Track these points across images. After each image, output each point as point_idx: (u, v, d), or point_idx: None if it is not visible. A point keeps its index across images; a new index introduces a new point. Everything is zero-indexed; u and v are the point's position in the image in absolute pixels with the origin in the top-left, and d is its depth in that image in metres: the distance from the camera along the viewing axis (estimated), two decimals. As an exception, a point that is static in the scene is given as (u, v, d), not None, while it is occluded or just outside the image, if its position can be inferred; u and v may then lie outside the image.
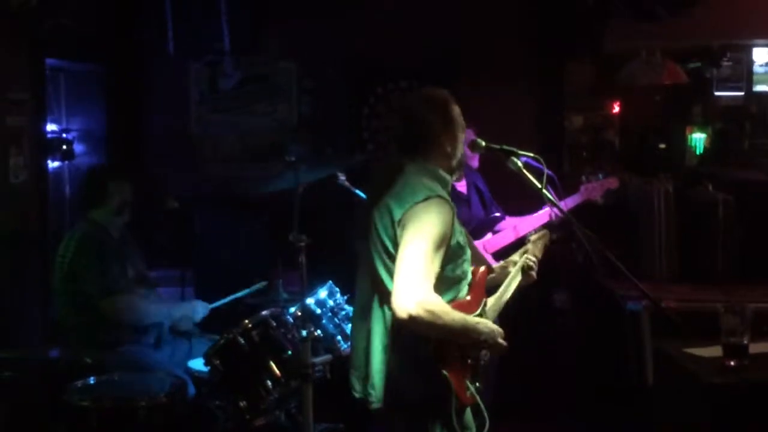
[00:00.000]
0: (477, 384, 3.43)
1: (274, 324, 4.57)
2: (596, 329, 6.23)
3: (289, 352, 4.49)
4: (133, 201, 5.16)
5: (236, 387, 4.45)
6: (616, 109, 7.03)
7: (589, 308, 6.37)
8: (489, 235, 5.45)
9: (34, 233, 5.88)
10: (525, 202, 5.28)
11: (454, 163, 3.56)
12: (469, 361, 3.40)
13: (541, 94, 7.07)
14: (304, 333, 4.09)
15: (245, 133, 7.33)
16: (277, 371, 4.43)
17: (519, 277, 3.78)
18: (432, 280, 3.23)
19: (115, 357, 4.74)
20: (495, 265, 4.40)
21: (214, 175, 7.28)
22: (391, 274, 3.29)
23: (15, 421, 4.41)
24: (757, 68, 6.57)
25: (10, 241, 5.55)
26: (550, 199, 3.85)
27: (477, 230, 5.45)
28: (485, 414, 3.47)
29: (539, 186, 3.70)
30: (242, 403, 4.41)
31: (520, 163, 3.72)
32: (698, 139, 6.79)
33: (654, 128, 6.95)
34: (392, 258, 3.31)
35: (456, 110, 3.56)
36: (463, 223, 5.36)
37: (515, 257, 3.89)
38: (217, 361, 4.46)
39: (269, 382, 4.41)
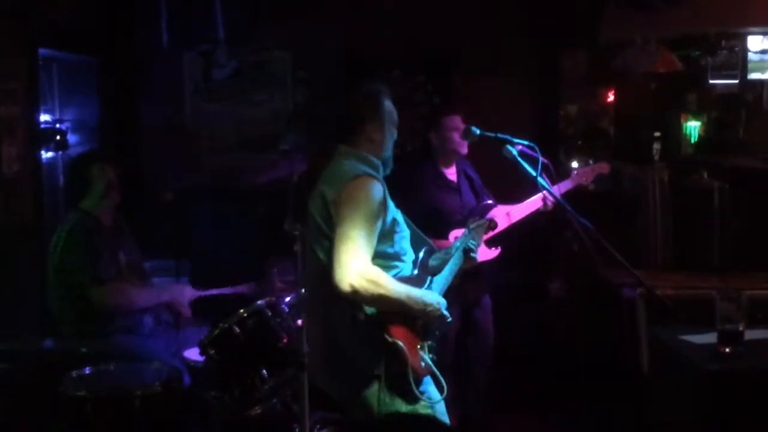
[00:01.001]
0: (431, 355, 3.54)
1: (270, 313, 4.56)
2: (592, 317, 6.24)
3: (285, 341, 4.48)
4: (122, 183, 5.14)
5: (232, 376, 4.44)
6: (611, 97, 7.03)
7: (584, 297, 6.37)
8: None
9: (29, 224, 5.87)
10: (514, 189, 5.28)
11: (383, 151, 3.68)
12: (418, 331, 3.51)
13: (536, 82, 7.06)
14: (299, 322, 4.09)
15: (240, 122, 7.31)
16: (273, 360, 4.43)
17: (460, 260, 3.84)
18: (370, 253, 3.37)
19: (110, 347, 4.74)
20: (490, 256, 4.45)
21: (208, 165, 7.27)
22: (328, 254, 3.42)
23: (11, 412, 4.40)
24: (752, 56, 6.55)
25: (4, 232, 5.54)
26: (545, 187, 3.86)
27: (469, 218, 5.45)
28: (442, 381, 3.57)
29: (534, 174, 3.70)
30: (238, 392, 4.40)
31: (515, 151, 3.72)
32: (693, 127, 6.78)
33: (649, 117, 6.94)
34: (328, 238, 3.44)
35: (385, 102, 3.70)
36: (455, 212, 5.41)
37: (456, 243, 3.95)
38: (213, 351, 4.45)
39: (265, 371, 4.40)
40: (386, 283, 3.34)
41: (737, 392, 3.30)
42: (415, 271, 3.62)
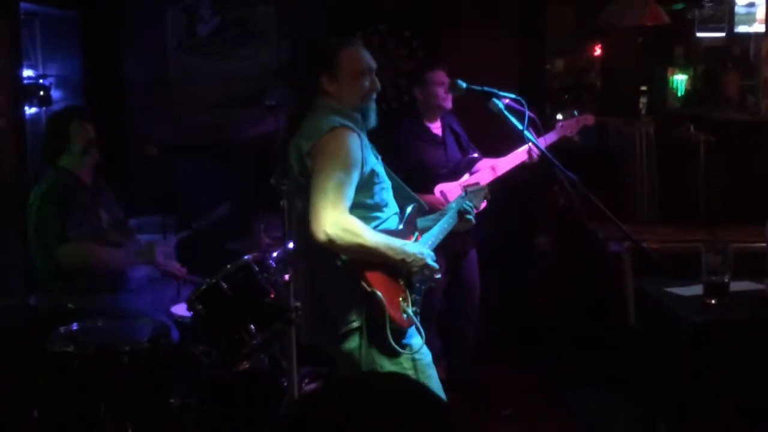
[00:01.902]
0: (414, 307, 3.53)
1: (257, 268, 4.57)
2: (578, 271, 6.26)
3: (272, 296, 4.49)
4: (102, 146, 5.10)
5: (219, 331, 4.46)
6: (598, 51, 7.01)
7: (570, 250, 6.39)
8: (466, 176, 5.45)
9: (13, 180, 5.84)
10: (499, 143, 5.28)
11: (346, 104, 3.60)
12: (401, 282, 3.50)
13: (522, 36, 7.03)
14: (286, 277, 4.10)
15: (225, 78, 7.27)
16: (260, 315, 4.44)
17: (453, 220, 3.83)
18: (347, 203, 3.36)
19: (98, 303, 4.73)
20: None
21: (194, 120, 7.23)
22: (306, 206, 3.41)
23: (-2, 368, 4.41)
24: (739, 9, 6.51)
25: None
26: (532, 141, 3.86)
27: (454, 172, 5.46)
28: (422, 333, 3.56)
29: (521, 127, 3.69)
30: (226, 348, 4.42)
31: (501, 105, 3.71)
32: (680, 80, 6.76)
33: (635, 70, 6.92)
34: (306, 190, 3.43)
35: (342, 53, 3.62)
36: (440, 166, 5.41)
37: (452, 204, 3.95)
38: (200, 306, 4.46)
39: (252, 327, 4.42)
40: (362, 232, 3.33)
41: (722, 343, 3.33)
42: (400, 226, 3.61)
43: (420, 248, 3.54)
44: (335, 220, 3.27)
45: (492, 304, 5.86)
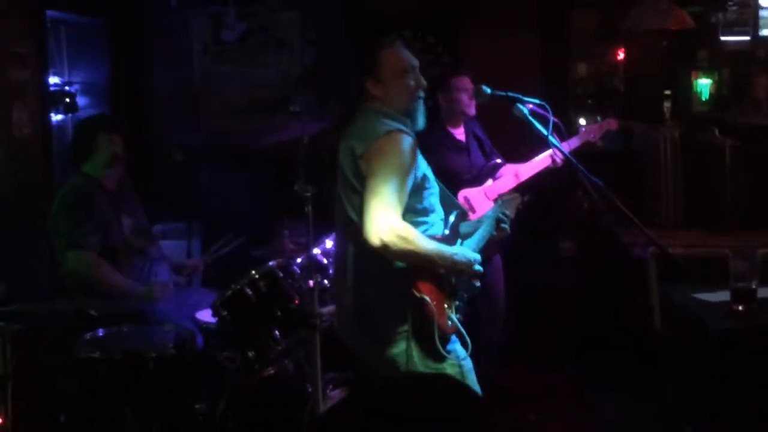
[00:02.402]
0: (458, 314, 3.53)
1: (281, 274, 4.58)
2: (603, 277, 6.24)
3: (296, 302, 4.50)
4: (129, 154, 5.12)
5: (244, 337, 4.47)
6: (621, 55, 6.98)
7: (595, 256, 6.37)
8: (490, 182, 5.45)
9: (40, 186, 5.88)
10: (522, 148, 5.28)
11: (393, 106, 3.57)
12: (446, 289, 3.49)
13: (545, 41, 7.01)
14: (310, 283, 4.11)
15: (249, 84, 7.29)
16: (285, 321, 4.45)
17: (491, 228, 3.79)
18: (400, 208, 3.33)
19: (123, 309, 4.75)
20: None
21: (218, 126, 7.26)
22: (357, 210, 3.40)
23: (25, 374, 4.43)
24: (763, 12, 6.48)
25: (16, 195, 5.55)
26: (556, 146, 3.85)
27: (478, 177, 5.46)
28: (468, 340, 3.55)
29: (545, 133, 3.69)
30: (250, 354, 4.43)
31: (525, 110, 3.71)
32: (704, 84, 6.73)
33: (659, 74, 6.89)
34: (358, 194, 3.41)
35: (383, 55, 3.60)
36: (464, 171, 5.41)
37: (488, 212, 3.92)
38: (225, 312, 4.48)
39: (277, 332, 4.43)
40: (416, 239, 3.30)
41: (750, 350, 3.31)
42: (446, 231, 3.59)
43: (469, 254, 3.52)
44: (390, 225, 3.24)
45: (517, 309, 5.85)
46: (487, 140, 5.68)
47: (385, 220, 3.24)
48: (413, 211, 3.47)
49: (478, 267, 3.52)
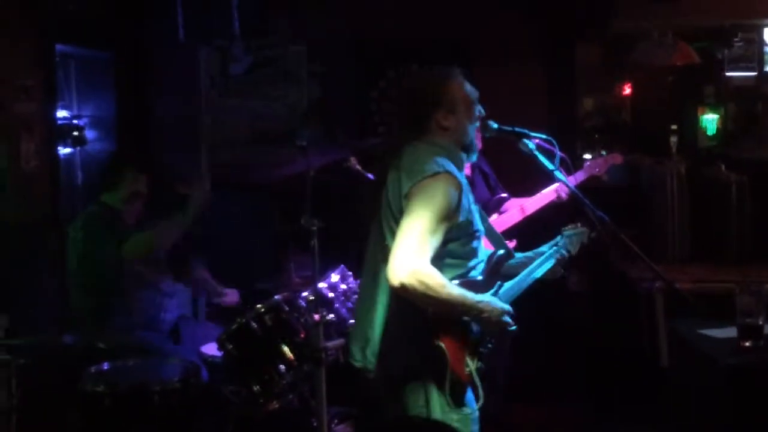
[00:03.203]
0: (479, 363, 3.45)
1: (287, 308, 4.58)
2: (610, 311, 6.23)
3: (302, 337, 4.49)
4: (149, 193, 5.16)
5: (249, 371, 4.46)
6: (628, 90, 7.00)
7: (603, 290, 6.35)
8: (495, 216, 5.45)
9: (47, 219, 5.88)
10: (528, 182, 5.28)
11: (459, 138, 3.54)
12: (471, 336, 3.41)
13: (552, 75, 7.04)
14: (316, 317, 4.10)
15: (256, 117, 7.31)
16: (290, 355, 4.44)
17: (544, 267, 3.74)
18: (430, 253, 3.24)
19: (129, 342, 4.75)
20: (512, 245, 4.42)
21: (224, 159, 7.27)
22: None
23: (30, 406, 4.42)
24: (768, 48, 6.54)
25: (23, 228, 5.56)
26: (563, 181, 3.85)
27: (483, 211, 5.46)
28: (480, 392, 3.47)
29: (551, 168, 3.68)
30: (255, 388, 4.42)
31: (532, 145, 3.71)
32: (710, 119, 6.75)
33: (666, 109, 6.92)
34: (395, 229, 3.33)
35: (454, 86, 3.56)
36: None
37: (544, 248, 3.84)
38: (230, 346, 4.47)
39: (282, 367, 4.42)
40: (438, 287, 3.21)
41: (757, 386, 3.29)
42: (480, 277, 3.51)
43: (495, 303, 3.40)
44: (414, 269, 3.16)
45: (524, 343, 5.82)
46: (492, 174, 5.68)
47: (408, 263, 3.17)
48: (452, 255, 3.41)
49: (506, 318, 3.42)
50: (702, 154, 6.46)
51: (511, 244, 5.33)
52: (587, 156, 6.26)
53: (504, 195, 5.54)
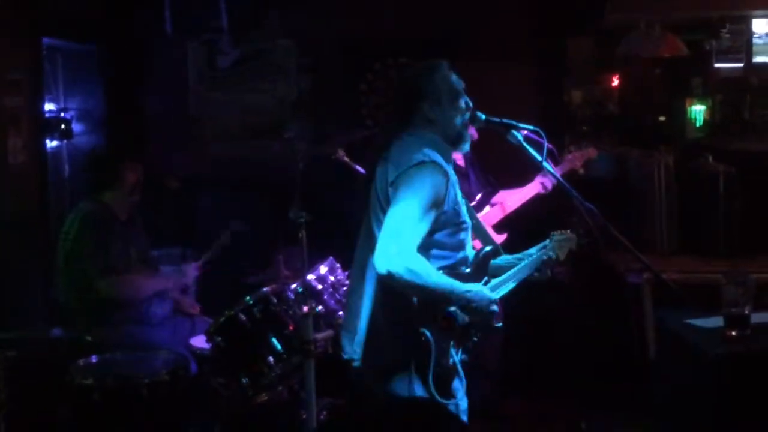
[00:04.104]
0: (464, 355, 3.46)
1: (275, 300, 4.58)
2: (598, 303, 6.24)
3: (291, 329, 4.49)
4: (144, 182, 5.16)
5: (238, 364, 4.46)
6: (616, 82, 7.01)
7: (590, 282, 6.36)
8: (487, 209, 5.47)
9: (34, 213, 5.88)
10: (514, 174, 5.30)
11: (446, 130, 3.55)
12: (458, 327, 3.40)
13: (540, 68, 7.04)
14: (305, 309, 4.10)
15: (244, 111, 7.31)
16: (279, 347, 4.44)
17: (531, 270, 3.73)
18: (417, 241, 3.26)
19: (117, 335, 4.74)
20: (498, 241, 4.41)
21: (213, 153, 7.27)
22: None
23: (18, 400, 4.41)
24: (756, 39, 6.53)
25: (10, 222, 5.55)
26: (551, 172, 3.85)
27: (476, 205, 5.47)
28: (463, 380, 3.49)
29: (540, 159, 3.69)
30: (244, 380, 4.43)
31: (520, 137, 3.71)
32: (698, 111, 6.76)
33: (654, 101, 6.93)
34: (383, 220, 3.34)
35: (438, 77, 3.56)
36: (465, 197, 5.41)
37: (532, 250, 3.83)
38: (219, 338, 4.48)
39: (271, 359, 4.43)
40: (425, 274, 3.22)
41: (744, 376, 3.30)
42: (467, 270, 3.51)
43: (485, 293, 3.41)
44: (401, 256, 3.17)
45: (513, 336, 5.83)
46: (480, 167, 5.69)
47: (396, 251, 3.18)
48: (439, 246, 3.43)
49: (494, 307, 3.41)
50: (690, 145, 6.47)
51: (502, 238, 5.36)
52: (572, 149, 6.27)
53: (490, 189, 5.55)
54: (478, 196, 5.53)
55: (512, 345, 5.85)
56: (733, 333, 3.42)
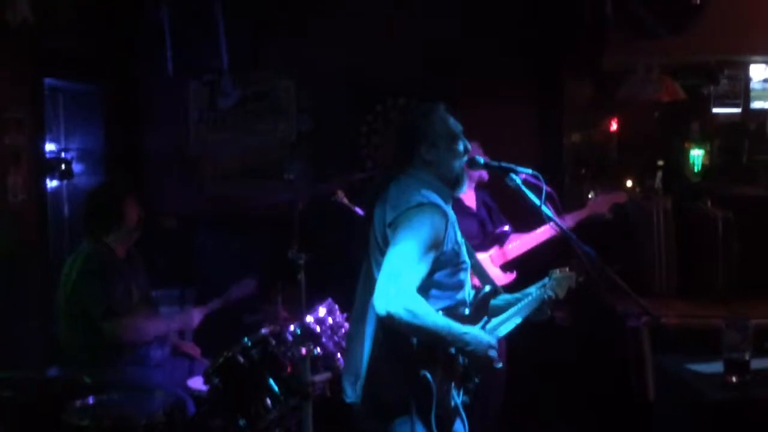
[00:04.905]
0: (465, 397, 3.45)
1: (274, 342, 4.55)
2: (597, 346, 6.22)
3: (289, 371, 4.47)
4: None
5: (236, 405, 4.43)
6: (615, 126, 7.04)
7: (589, 325, 6.35)
8: (494, 250, 5.48)
9: (34, 252, 5.87)
10: (533, 219, 5.30)
11: (444, 172, 3.57)
12: (459, 370, 3.41)
13: (540, 111, 7.08)
14: (303, 351, 4.09)
15: (244, 151, 7.34)
16: (277, 389, 4.42)
17: (530, 309, 3.72)
18: (417, 282, 3.27)
19: (115, 376, 4.72)
20: (506, 281, 4.40)
21: (213, 193, 7.29)
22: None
23: (14, 440, 4.40)
24: (754, 85, 6.59)
25: (9, 261, 5.54)
26: (549, 216, 3.85)
27: (484, 244, 5.47)
28: (465, 423, 3.48)
29: (538, 203, 3.70)
30: (242, 422, 4.39)
31: (518, 180, 3.72)
32: (696, 155, 6.79)
33: (652, 145, 6.95)
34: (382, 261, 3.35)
35: (436, 120, 3.59)
36: (471, 237, 5.41)
37: (531, 289, 3.83)
38: (217, 380, 4.45)
39: (269, 401, 4.40)
40: (424, 316, 3.22)
41: (744, 422, 3.29)
42: (467, 310, 3.52)
43: (481, 337, 3.40)
44: (400, 298, 3.18)
45: (511, 379, 5.82)
46: (496, 208, 5.69)
47: (395, 292, 3.18)
48: (439, 286, 3.43)
49: (492, 352, 3.40)
50: (688, 189, 6.49)
51: (511, 277, 5.37)
52: (591, 195, 6.26)
53: (506, 228, 5.56)
54: (504, 228, 5.54)
55: (510, 387, 5.83)
56: (733, 379, 3.41)
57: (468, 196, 5.62)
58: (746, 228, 5.70)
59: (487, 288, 3.62)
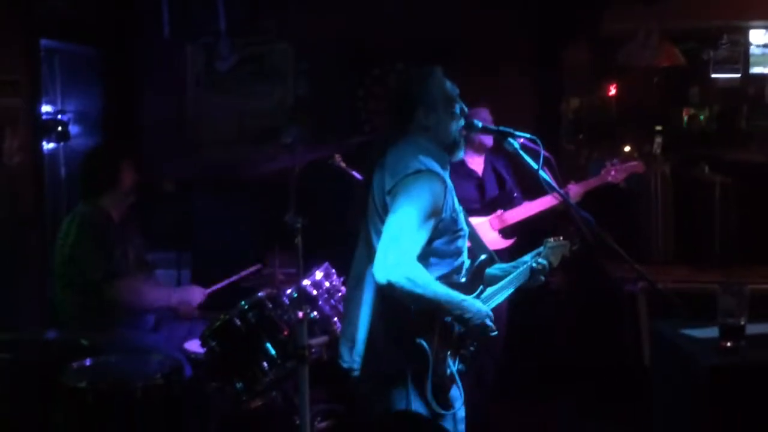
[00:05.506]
0: (461, 365, 3.46)
1: (270, 305, 4.56)
2: (593, 311, 6.24)
3: (285, 334, 4.48)
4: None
5: (232, 368, 4.44)
6: (613, 91, 7.02)
7: (586, 290, 6.37)
8: (499, 212, 5.48)
9: (30, 215, 5.86)
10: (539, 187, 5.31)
11: (441, 137, 3.54)
12: (455, 336, 3.42)
13: (538, 76, 7.05)
14: (300, 314, 4.09)
15: (242, 115, 7.31)
16: (273, 352, 4.43)
17: (524, 278, 3.72)
18: (417, 250, 3.26)
19: (112, 339, 4.72)
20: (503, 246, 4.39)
21: (210, 157, 7.27)
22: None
23: (11, 402, 4.40)
24: (753, 50, 6.56)
25: (5, 223, 5.54)
26: (545, 180, 3.85)
27: (485, 208, 5.48)
28: (461, 390, 3.47)
29: (536, 167, 3.69)
30: (238, 385, 4.41)
31: (516, 144, 3.71)
32: (695, 121, 6.77)
33: (651, 110, 6.93)
34: (381, 228, 3.34)
35: (432, 84, 3.56)
36: (471, 201, 5.40)
37: (526, 257, 3.83)
38: (214, 343, 4.46)
39: (265, 364, 4.41)
40: (424, 284, 3.23)
41: (738, 387, 3.29)
42: (463, 279, 3.52)
43: (479, 306, 3.40)
44: (400, 266, 3.17)
45: (508, 344, 5.83)
46: (510, 178, 5.66)
47: (395, 260, 3.18)
48: (437, 254, 3.42)
49: (489, 322, 3.40)
50: (686, 155, 6.48)
51: (509, 242, 5.37)
52: (607, 164, 6.21)
53: (515, 195, 5.55)
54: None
55: (506, 352, 5.85)
56: (728, 344, 3.41)
57: (474, 160, 5.60)
58: (744, 193, 5.71)
59: (483, 256, 3.62)
